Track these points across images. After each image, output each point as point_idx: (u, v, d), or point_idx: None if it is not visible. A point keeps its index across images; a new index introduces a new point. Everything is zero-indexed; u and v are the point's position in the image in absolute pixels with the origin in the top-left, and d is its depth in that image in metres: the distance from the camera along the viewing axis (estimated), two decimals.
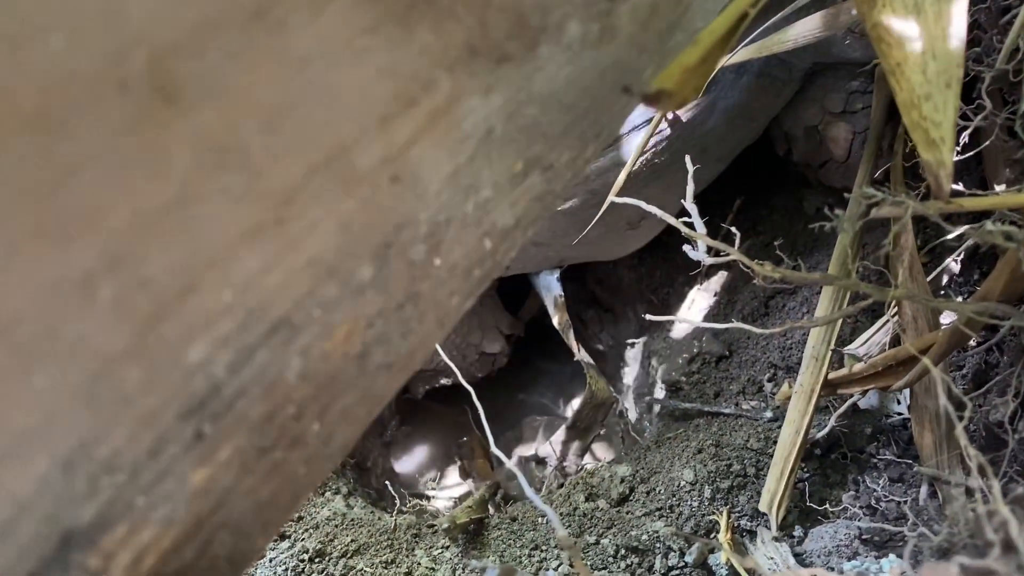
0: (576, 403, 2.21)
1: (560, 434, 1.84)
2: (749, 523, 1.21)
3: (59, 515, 0.31)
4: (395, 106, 0.37)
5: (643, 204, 1.00)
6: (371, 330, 0.42)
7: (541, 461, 1.88)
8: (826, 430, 1.17)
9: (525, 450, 2.08)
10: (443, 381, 2.16)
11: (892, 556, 1.01)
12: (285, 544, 1.25)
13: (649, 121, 1.38)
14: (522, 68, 0.43)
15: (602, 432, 1.85)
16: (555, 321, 1.87)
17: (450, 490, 1.98)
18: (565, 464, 1.79)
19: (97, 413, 0.31)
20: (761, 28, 1.17)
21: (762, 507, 1.16)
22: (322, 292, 0.38)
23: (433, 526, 1.33)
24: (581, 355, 1.78)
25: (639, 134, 1.41)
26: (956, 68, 0.61)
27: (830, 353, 1.16)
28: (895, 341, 1.18)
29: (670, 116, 1.44)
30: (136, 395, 0.32)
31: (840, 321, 1.21)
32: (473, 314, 2.19)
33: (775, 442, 1.25)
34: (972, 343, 1.09)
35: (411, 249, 0.42)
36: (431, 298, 0.45)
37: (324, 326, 0.39)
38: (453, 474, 2.10)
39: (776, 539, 1.14)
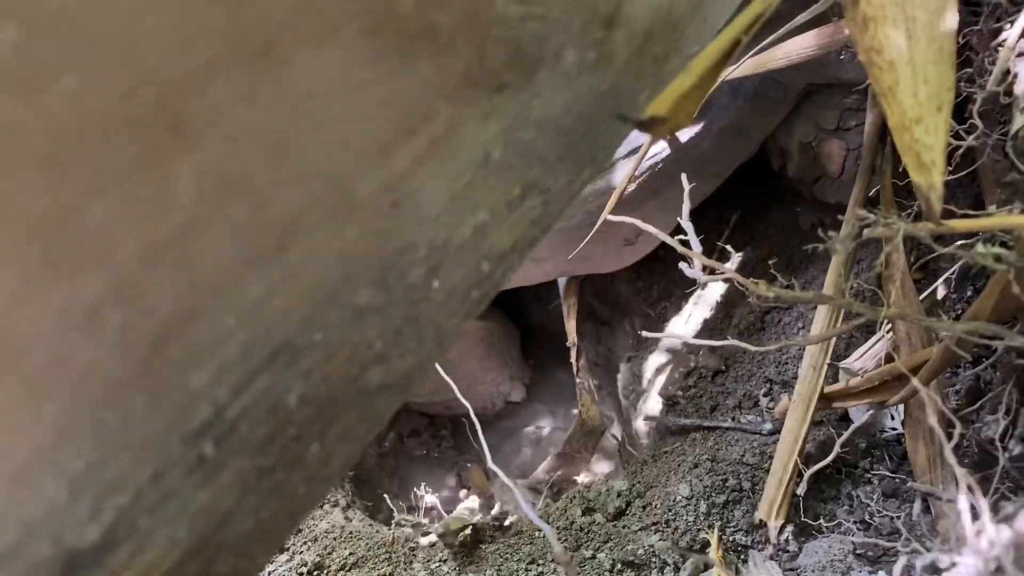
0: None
1: (549, 460, 1.85)
2: (744, 538, 1.22)
3: (65, 537, 0.32)
4: (395, 135, 0.37)
5: (639, 223, 1.01)
6: (371, 352, 0.43)
7: (533, 488, 1.88)
8: (832, 456, 1.18)
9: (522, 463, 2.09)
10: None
11: (882, 574, 1.02)
12: (283, 557, 1.26)
13: (637, 149, 1.39)
14: (519, 96, 0.44)
15: (591, 459, 1.86)
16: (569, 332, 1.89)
17: (446, 502, 1.98)
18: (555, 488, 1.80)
19: (103, 438, 0.32)
20: (757, 48, 1.18)
21: (760, 515, 1.17)
22: (323, 316, 0.38)
23: (428, 533, 1.34)
24: (580, 378, 1.79)
25: (635, 157, 1.43)
26: (947, 92, 0.62)
27: (827, 364, 1.17)
28: (890, 356, 1.19)
29: (666, 139, 1.46)
30: (141, 420, 0.33)
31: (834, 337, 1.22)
32: (504, 366, 2.28)
33: (771, 457, 1.26)
34: (968, 360, 1.10)
35: (410, 272, 0.43)
36: (430, 320, 0.46)
37: (325, 349, 0.40)
38: (450, 486, 2.11)
39: (772, 557, 1.15)
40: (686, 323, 1.93)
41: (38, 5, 0.24)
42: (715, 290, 1.90)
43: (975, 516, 0.51)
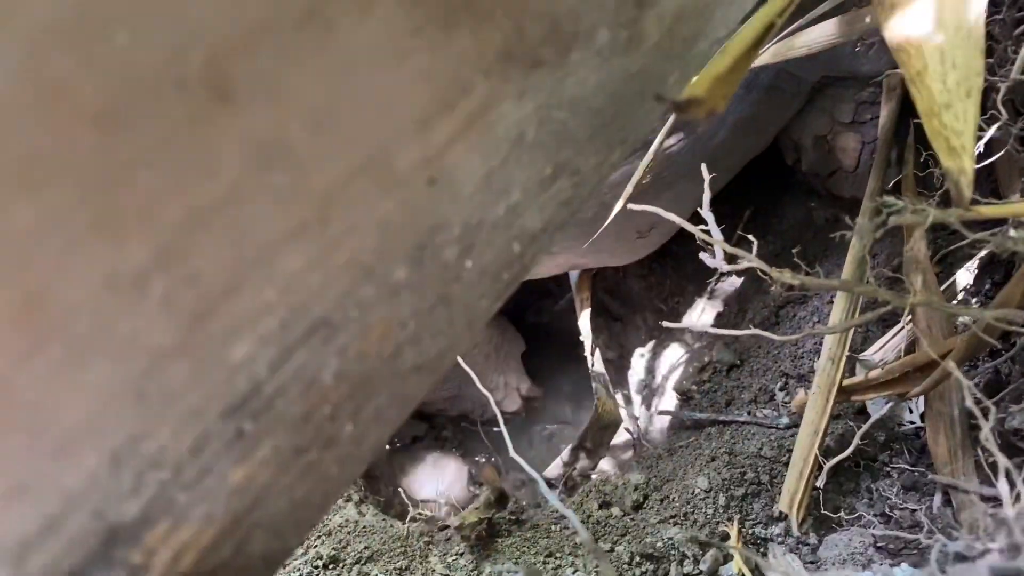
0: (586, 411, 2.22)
1: (565, 454, 1.84)
2: (763, 530, 1.21)
3: (106, 510, 0.32)
4: (433, 109, 0.37)
5: (660, 211, 1.00)
6: (404, 331, 0.42)
7: (549, 483, 1.87)
8: (851, 449, 1.17)
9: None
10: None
11: (904, 565, 1.01)
12: (299, 550, 1.25)
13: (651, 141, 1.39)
14: (554, 74, 0.43)
15: (606, 453, 1.85)
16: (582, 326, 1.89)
17: (458, 499, 1.98)
18: (570, 483, 1.79)
19: (145, 409, 0.31)
20: (777, 37, 1.17)
21: (782, 507, 1.16)
22: (360, 292, 0.38)
23: (446, 527, 1.33)
24: (595, 369, 1.78)
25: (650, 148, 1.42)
26: (976, 77, 0.62)
27: (845, 355, 1.16)
28: (910, 348, 1.18)
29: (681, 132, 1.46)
30: (182, 392, 0.32)
31: (853, 328, 1.22)
32: (500, 374, 2.30)
33: (789, 450, 1.25)
34: (994, 348, 1.09)
35: (444, 251, 0.42)
36: (461, 300, 0.46)
37: (361, 326, 0.39)
38: (462, 482, 2.11)
39: (792, 549, 1.14)
40: (699, 318, 1.93)
41: None
42: (729, 285, 1.89)
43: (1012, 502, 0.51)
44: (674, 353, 1.92)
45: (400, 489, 1.65)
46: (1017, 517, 0.50)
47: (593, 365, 1.82)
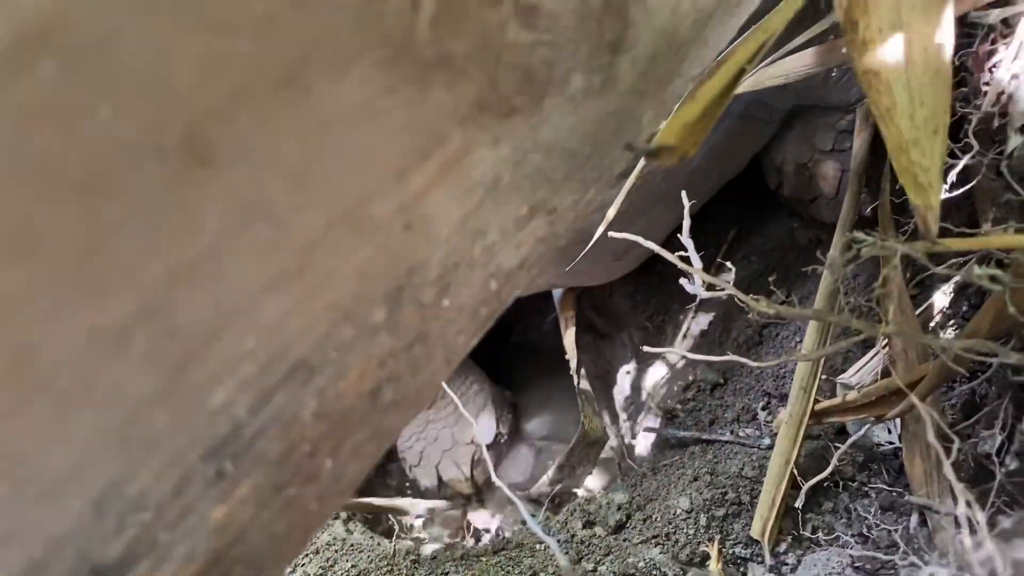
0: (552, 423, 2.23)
1: (551, 472, 1.84)
2: (744, 550, 1.22)
3: (90, 552, 0.33)
4: (410, 159, 0.38)
5: (639, 239, 1.02)
6: (383, 370, 0.44)
7: (534, 500, 1.87)
8: (829, 470, 1.18)
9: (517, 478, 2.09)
10: None
11: None
12: (287, 570, 1.26)
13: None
14: (529, 120, 0.45)
15: (592, 471, 1.86)
16: (567, 344, 1.90)
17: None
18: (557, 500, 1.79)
19: (127, 455, 0.32)
20: (755, 69, 1.19)
21: (754, 534, 1.18)
22: (338, 335, 0.39)
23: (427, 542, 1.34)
24: (580, 387, 1.79)
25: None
26: (943, 115, 0.63)
27: (817, 383, 1.18)
28: (887, 371, 1.20)
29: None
30: (164, 437, 0.33)
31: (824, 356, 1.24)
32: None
33: None
34: (964, 375, 1.11)
35: (422, 292, 0.44)
36: (439, 337, 0.47)
37: (339, 367, 0.40)
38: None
39: (771, 570, 1.15)
40: (684, 337, 1.94)
41: (76, 39, 0.25)
42: (713, 304, 1.91)
43: (972, 530, 0.52)
44: (658, 371, 1.93)
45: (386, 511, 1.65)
46: (982, 544, 0.52)
47: (579, 383, 1.83)
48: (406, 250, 0.41)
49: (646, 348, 1.18)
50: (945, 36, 0.64)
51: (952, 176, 0.94)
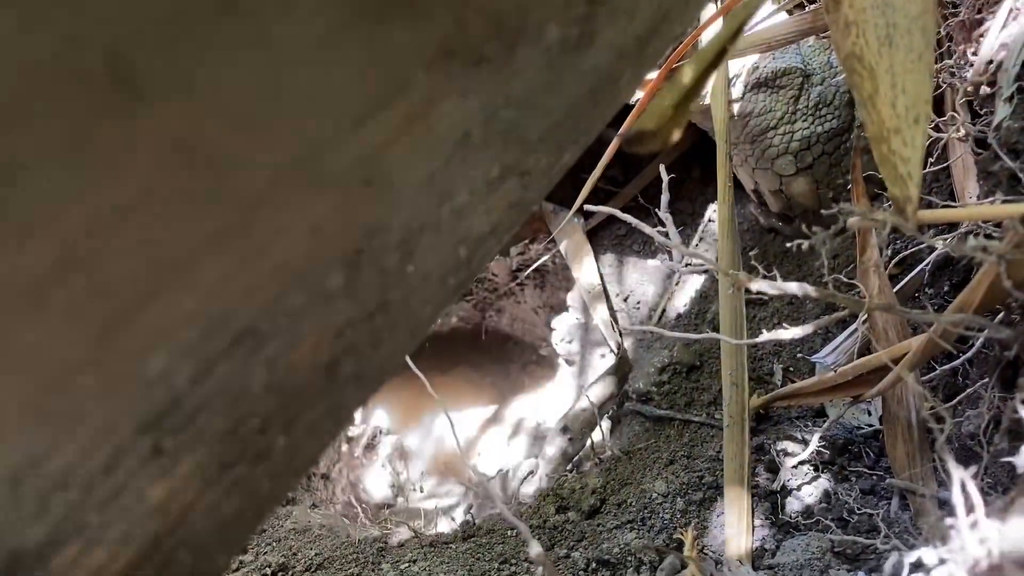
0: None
1: (557, 441, 1.81)
2: (721, 533, 1.20)
3: (5, 535, 0.30)
4: (369, 107, 0.35)
5: (619, 214, 0.99)
6: (340, 340, 0.41)
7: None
8: (808, 452, 1.17)
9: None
10: None
11: (861, 574, 1.01)
12: (248, 558, 1.22)
13: None
14: (500, 71, 0.42)
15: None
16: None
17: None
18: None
19: (47, 426, 0.29)
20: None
21: (729, 555, 1.16)
22: (289, 300, 0.36)
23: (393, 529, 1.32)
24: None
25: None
26: (924, 104, 0.61)
27: (748, 380, 1.18)
28: (864, 350, 1.18)
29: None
30: (90, 407, 0.30)
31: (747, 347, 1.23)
32: None
33: None
34: (949, 352, 1.10)
35: (383, 256, 0.40)
36: (403, 307, 0.44)
37: (291, 336, 0.37)
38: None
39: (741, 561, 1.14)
40: (661, 318, 1.92)
41: None
42: (691, 284, 1.89)
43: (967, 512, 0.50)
44: (635, 353, 1.91)
45: (350, 496, 1.62)
46: (972, 527, 0.50)
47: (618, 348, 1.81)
48: (365, 209, 0.38)
49: (624, 327, 1.15)
50: (930, 19, 0.63)
51: (937, 149, 0.92)
